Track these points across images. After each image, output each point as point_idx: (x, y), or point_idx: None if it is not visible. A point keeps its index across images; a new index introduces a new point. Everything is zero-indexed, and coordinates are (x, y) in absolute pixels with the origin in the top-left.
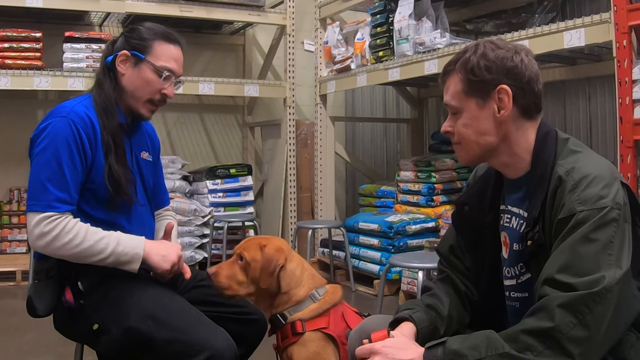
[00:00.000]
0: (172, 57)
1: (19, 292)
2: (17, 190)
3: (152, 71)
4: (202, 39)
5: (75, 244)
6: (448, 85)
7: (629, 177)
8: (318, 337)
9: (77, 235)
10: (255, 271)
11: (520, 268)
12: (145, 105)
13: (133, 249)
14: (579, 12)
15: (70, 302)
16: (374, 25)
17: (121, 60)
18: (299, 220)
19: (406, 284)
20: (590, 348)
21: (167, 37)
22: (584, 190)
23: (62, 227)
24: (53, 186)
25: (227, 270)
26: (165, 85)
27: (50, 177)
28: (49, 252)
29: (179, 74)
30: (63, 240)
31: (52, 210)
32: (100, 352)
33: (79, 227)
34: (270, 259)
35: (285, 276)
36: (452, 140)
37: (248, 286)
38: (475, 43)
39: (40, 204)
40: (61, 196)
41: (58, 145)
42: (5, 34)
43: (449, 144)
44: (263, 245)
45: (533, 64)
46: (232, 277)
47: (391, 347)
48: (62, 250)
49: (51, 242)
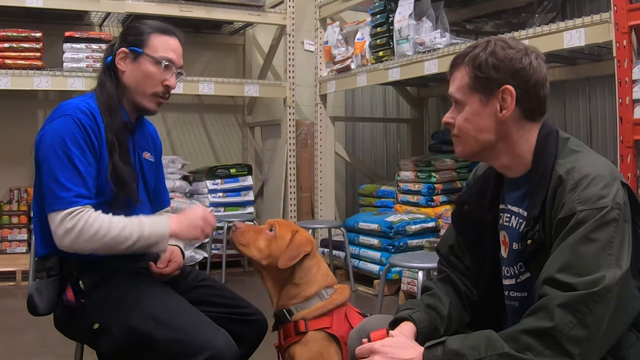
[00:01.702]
0: (169, 48)
1: (19, 292)
2: (17, 190)
3: (151, 63)
4: (202, 39)
5: (101, 235)
6: (455, 77)
7: (629, 177)
8: (321, 336)
9: (101, 227)
10: (278, 248)
11: (519, 267)
12: (150, 98)
13: (158, 229)
14: (579, 12)
15: (71, 301)
16: (374, 25)
17: (120, 58)
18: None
19: (406, 284)
20: (590, 348)
21: (163, 29)
22: (584, 190)
23: (84, 220)
24: (71, 183)
25: (253, 234)
26: (167, 76)
27: (66, 175)
28: (78, 248)
29: (178, 64)
30: (89, 233)
31: (74, 206)
32: (101, 351)
33: (101, 218)
34: (300, 244)
35: (302, 268)
36: (451, 131)
37: (264, 257)
38: (486, 39)
39: (61, 202)
40: (80, 192)
41: (68, 143)
42: (5, 34)
43: (449, 144)
44: (296, 230)
45: (542, 68)
46: (254, 240)
47: (391, 347)
48: (91, 244)
49: (77, 238)
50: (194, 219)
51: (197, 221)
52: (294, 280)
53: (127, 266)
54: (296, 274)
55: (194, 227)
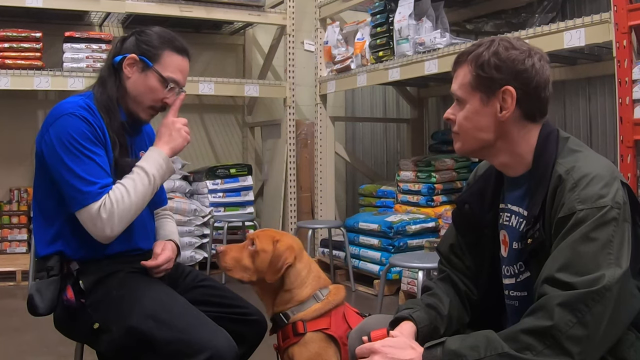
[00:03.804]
0: (179, 69)
1: (19, 292)
2: (17, 190)
3: (157, 80)
4: (202, 39)
5: (128, 204)
6: (457, 74)
7: (629, 177)
8: (319, 337)
9: (124, 198)
10: (262, 262)
11: (519, 267)
12: (146, 110)
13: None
14: (579, 12)
15: (71, 301)
16: (374, 25)
17: (129, 64)
18: (299, 220)
19: (406, 284)
20: (590, 347)
21: (178, 48)
22: (584, 190)
23: (112, 202)
24: (93, 177)
25: (235, 253)
26: (169, 95)
27: (86, 169)
28: (121, 227)
29: (182, 85)
30: (121, 210)
31: (101, 197)
32: (101, 351)
33: (120, 190)
34: (280, 255)
35: (290, 275)
36: (452, 128)
37: (252, 274)
38: (491, 38)
39: (88, 196)
40: (104, 182)
41: (79, 139)
42: (5, 34)
43: (449, 144)
44: (276, 239)
45: (545, 70)
46: (238, 261)
47: (391, 347)
48: (127, 218)
49: (118, 222)
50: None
51: (172, 127)
52: (285, 287)
53: (127, 266)
54: (286, 280)
55: (176, 132)
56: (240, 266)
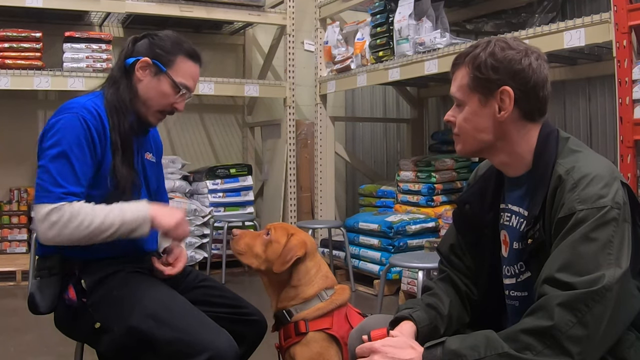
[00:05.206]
0: (191, 75)
1: (19, 292)
2: (17, 190)
3: (170, 85)
4: (202, 39)
5: (85, 225)
6: (456, 76)
7: (629, 177)
8: (321, 337)
9: (85, 217)
10: (274, 252)
11: (520, 267)
12: (155, 114)
13: (139, 212)
14: (579, 12)
15: (72, 300)
16: (374, 25)
17: (141, 67)
18: (299, 220)
19: (406, 284)
20: (589, 347)
21: (191, 54)
22: (584, 190)
23: (69, 212)
24: (64, 180)
25: (249, 239)
26: (179, 100)
27: (60, 170)
28: (62, 240)
29: (192, 90)
30: (73, 224)
31: (61, 202)
32: (101, 351)
33: (85, 208)
34: (291, 249)
35: (299, 270)
36: (452, 129)
37: (262, 262)
38: (488, 39)
39: (49, 196)
40: (71, 190)
41: (69, 140)
42: (5, 34)
43: (449, 144)
44: (291, 233)
45: (542, 69)
46: (251, 247)
47: (391, 347)
48: (75, 235)
49: (62, 230)
50: (173, 211)
51: (175, 213)
52: (292, 282)
53: (129, 266)
54: (294, 276)
55: (171, 216)
56: (252, 253)
